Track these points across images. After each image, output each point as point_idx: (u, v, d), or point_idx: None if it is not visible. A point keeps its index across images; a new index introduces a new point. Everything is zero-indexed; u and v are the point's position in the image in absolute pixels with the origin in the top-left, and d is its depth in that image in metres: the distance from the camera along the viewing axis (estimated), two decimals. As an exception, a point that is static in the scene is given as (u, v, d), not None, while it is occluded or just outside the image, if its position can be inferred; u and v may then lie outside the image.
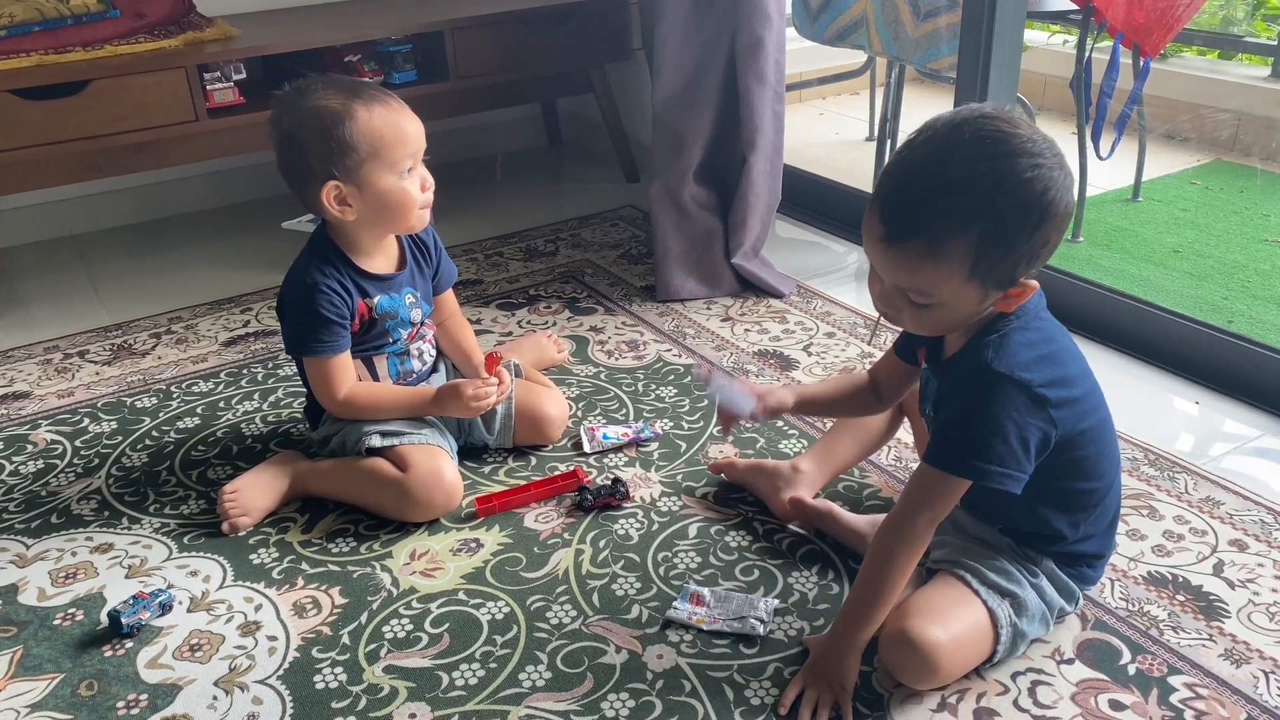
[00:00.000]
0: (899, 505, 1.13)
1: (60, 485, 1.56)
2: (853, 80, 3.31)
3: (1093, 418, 1.14)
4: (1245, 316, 2.12)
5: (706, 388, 1.35)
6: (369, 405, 1.47)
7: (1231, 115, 3.02)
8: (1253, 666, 1.17)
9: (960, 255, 1.01)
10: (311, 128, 1.36)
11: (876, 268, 1.08)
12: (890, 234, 1.03)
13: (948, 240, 1.01)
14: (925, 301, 1.06)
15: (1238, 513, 1.42)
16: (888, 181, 1.05)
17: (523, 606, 1.29)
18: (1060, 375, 1.10)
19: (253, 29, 2.33)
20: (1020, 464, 1.08)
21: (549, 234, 2.45)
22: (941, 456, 1.10)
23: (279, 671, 1.21)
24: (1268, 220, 2.59)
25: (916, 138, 1.05)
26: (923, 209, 1.01)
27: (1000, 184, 1.00)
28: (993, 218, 1.00)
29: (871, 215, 1.05)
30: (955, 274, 1.03)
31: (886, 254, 1.04)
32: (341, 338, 1.44)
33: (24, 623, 1.29)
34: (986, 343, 1.09)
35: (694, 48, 2.03)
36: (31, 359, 1.95)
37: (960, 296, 1.05)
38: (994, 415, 1.06)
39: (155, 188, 2.61)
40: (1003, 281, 1.05)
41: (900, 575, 1.11)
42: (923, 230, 1.01)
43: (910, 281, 1.05)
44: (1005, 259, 1.03)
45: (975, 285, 1.04)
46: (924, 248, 1.02)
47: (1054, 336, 1.13)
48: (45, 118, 2.02)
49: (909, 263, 1.03)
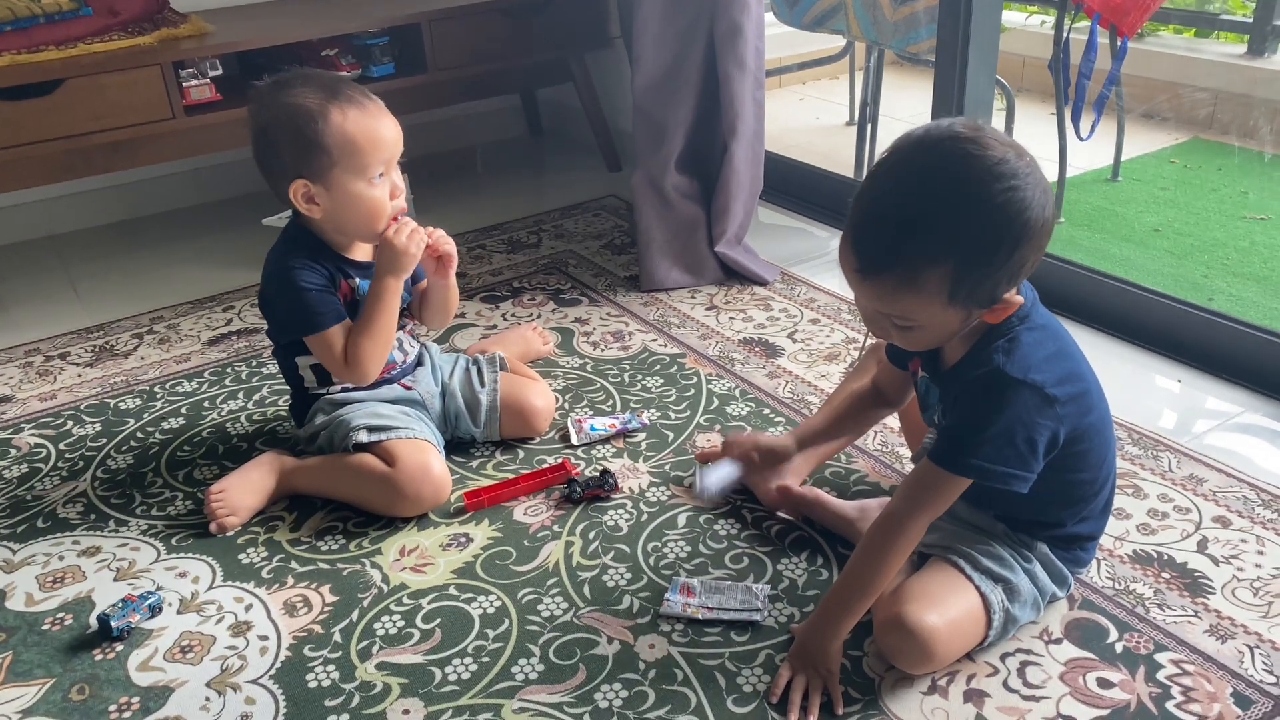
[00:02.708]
0: (897, 500, 1.13)
1: (45, 489, 1.55)
2: (832, 65, 3.31)
3: (1095, 411, 1.15)
4: (1225, 294, 2.14)
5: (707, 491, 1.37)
6: (366, 343, 1.43)
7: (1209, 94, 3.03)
8: (1238, 641, 1.19)
9: (937, 284, 1.01)
10: (285, 124, 1.36)
11: (856, 296, 1.08)
12: (864, 267, 1.03)
13: (922, 271, 1.00)
14: (908, 325, 1.06)
15: (1221, 489, 1.43)
16: (858, 212, 1.04)
17: (514, 600, 1.30)
18: (1067, 372, 1.11)
19: (228, 24, 2.31)
20: (1027, 464, 1.08)
21: (531, 225, 2.44)
22: (948, 457, 1.09)
23: (271, 671, 1.21)
24: (1246, 198, 2.61)
25: (886, 159, 1.03)
26: (894, 242, 1.00)
27: (973, 211, 0.99)
28: (967, 246, 0.99)
29: (845, 246, 1.05)
30: (934, 301, 1.02)
31: (863, 285, 1.05)
32: (334, 306, 1.43)
33: (12, 628, 1.29)
34: (996, 348, 1.08)
35: (673, 35, 2.03)
36: (12, 362, 1.93)
37: (942, 319, 1.05)
38: (1005, 418, 1.06)
39: (134, 187, 2.59)
40: (984, 301, 1.05)
41: (891, 569, 1.12)
42: (896, 264, 1.01)
43: (890, 309, 1.05)
44: (984, 283, 1.02)
45: (956, 308, 1.04)
46: (899, 280, 1.01)
47: (1057, 331, 1.13)
48: (19, 118, 2.00)
49: (886, 294, 1.03)
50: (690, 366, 1.80)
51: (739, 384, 1.74)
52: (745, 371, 1.78)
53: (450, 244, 1.50)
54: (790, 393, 1.71)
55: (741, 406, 1.68)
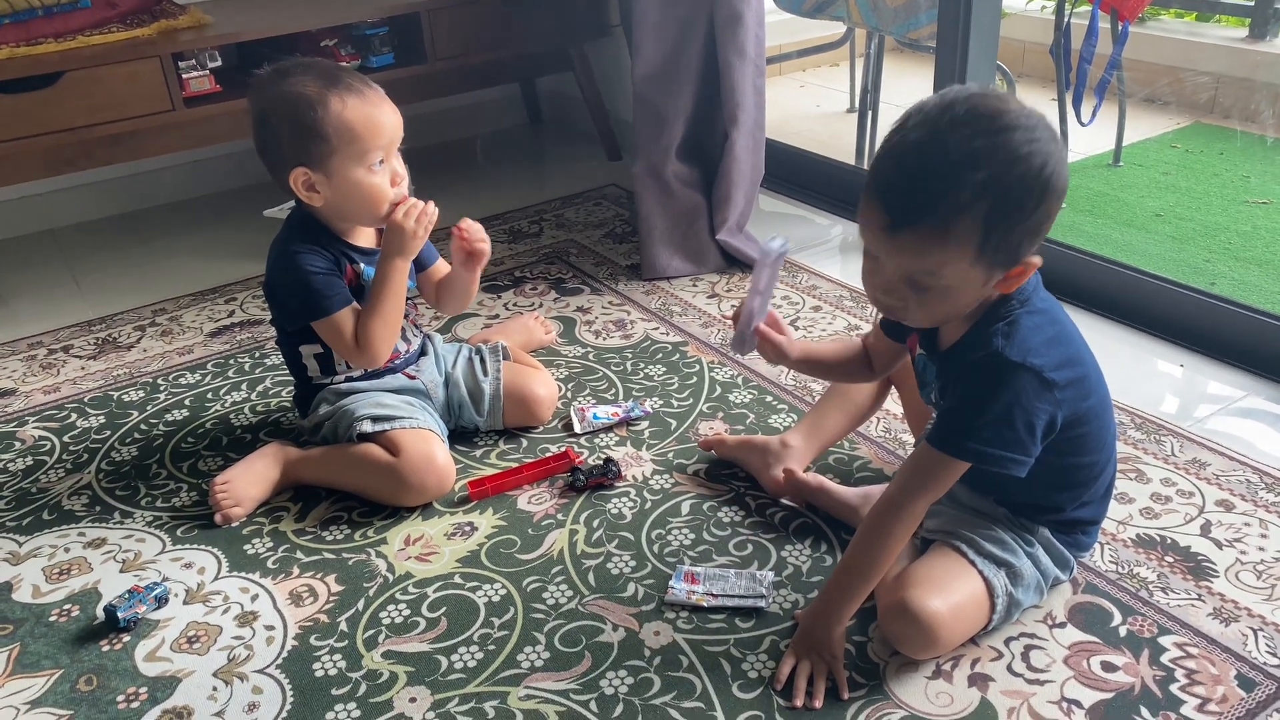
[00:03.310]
0: (896, 484, 1.13)
1: (50, 482, 1.56)
2: (832, 52, 3.30)
3: (1095, 395, 1.15)
4: (1227, 278, 2.13)
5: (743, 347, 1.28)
6: (375, 325, 1.43)
7: (1210, 78, 3.02)
8: (1241, 624, 1.19)
9: (968, 233, 0.99)
10: (284, 112, 1.36)
11: (881, 257, 1.05)
12: (896, 221, 1.01)
13: (955, 219, 0.99)
14: (932, 284, 1.03)
15: (1224, 473, 1.44)
16: (884, 169, 1.03)
17: (519, 588, 1.30)
18: (1066, 356, 1.10)
19: (226, 15, 2.30)
20: (1025, 448, 1.08)
21: (533, 215, 2.44)
22: (946, 440, 1.09)
23: (278, 660, 1.21)
24: (1248, 182, 2.60)
25: (906, 123, 1.02)
26: (928, 190, 0.99)
27: (1003, 157, 0.99)
28: (998, 192, 0.99)
29: (870, 205, 1.03)
30: (964, 254, 1.01)
31: (893, 241, 1.02)
32: (341, 289, 1.43)
33: (20, 620, 1.29)
34: (995, 330, 1.08)
35: (673, 23, 2.02)
36: (15, 355, 1.93)
37: (966, 279, 1.03)
38: (1003, 402, 1.06)
39: (134, 179, 2.59)
40: (1008, 260, 1.03)
41: (892, 553, 1.12)
42: (930, 212, 0.99)
43: (918, 265, 1.02)
44: (1011, 235, 1.01)
45: (982, 266, 1.02)
46: (932, 229, 1.00)
47: (1057, 315, 1.12)
48: (19, 111, 1.99)
49: (919, 246, 1.01)
50: (692, 354, 1.80)
51: (741, 372, 1.74)
52: (748, 359, 1.78)
53: (485, 242, 1.50)
54: (793, 380, 1.71)
55: (744, 394, 1.68)
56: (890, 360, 1.32)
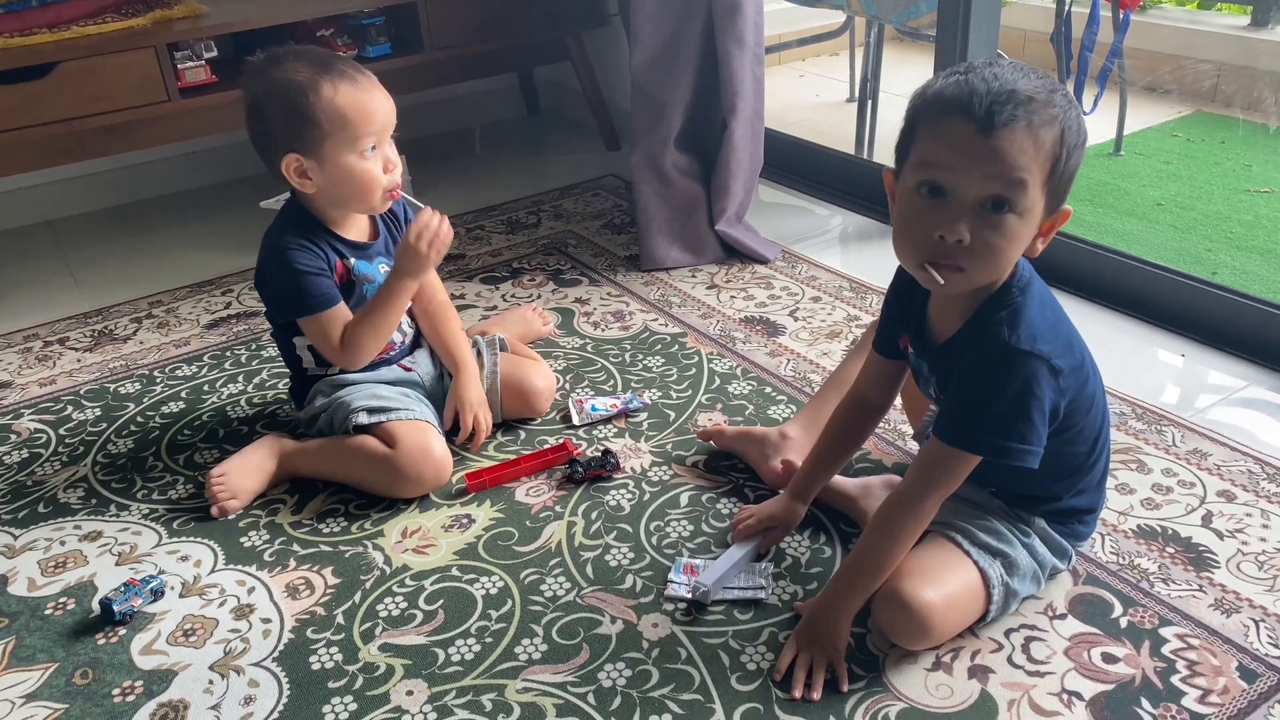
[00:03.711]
0: (908, 481, 1.12)
1: (46, 474, 1.55)
2: (832, 41, 3.29)
3: (1091, 383, 1.14)
4: (1229, 267, 2.12)
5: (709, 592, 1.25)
6: (366, 334, 1.44)
7: (1212, 66, 3.01)
8: (1242, 615, 1.18)
9: (1049, 148, 1.01)
10: (276, 98, 1.36)
11: (962, 176, 1.01)
12: (989, 123, 0.99)
13: (1046, 128, 1.00)
14: (1016, 202, 1.00)
15: (1225, 464, 1.43)
16: (964, 90, 1.01)
17: (516, 580, 1.29)
18: (1066, 342, 1.10)
19: (222, 5, 2.29)
20: (1040, 438, 1.07)
21: (530, 206, 2.43)
22: (960, 434, 1.08)
23: (274, 654, 1.20)
24: (1249, 171, 2.59)
25: (954, 69, 1.04)
26: (1019, 99, 0.99)
27: (1065, 95, 1.03)
28: (1068, 120, 1.02)
29: (955, 118, 1.00)
30: (1043, 170, 1.01)
31: (986, 144, 0.99)
32: (330, 289, 1.43)
33: (15, 613, 1.29)
34: (998, 320, 1.07)
35: (671, 12, 2.01)
36: (11, 348, 1.93)
37: (1036, 209, 1.03)
38: (1017, 392, 1.05)
39: (130, 170, 2.58)
40: (1058, 198, 1.05)
41: (903, 549, 1.11)
42: (1027, 113, 0.99)
43: (1011, 171, 0.99)
44: (1068, 168, 1.03)
45: (1045, 197, 1.03)
46: (1028, 130, 1.00)
47: (1053, 303, 1.12)
48: (13, 102, 1.98)
49: (1016, 146, 0.99)
50: (691, 346, 1.80)
51: (740, 363, 1.73)
52: (747, 350, 1.77)
53: (480, 434, 1.52)
54: (792, 371, 1.70)
55: (743, 385, 1.67)
56: (894, 382, 1.29)
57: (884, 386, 1.29)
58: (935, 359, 1.15)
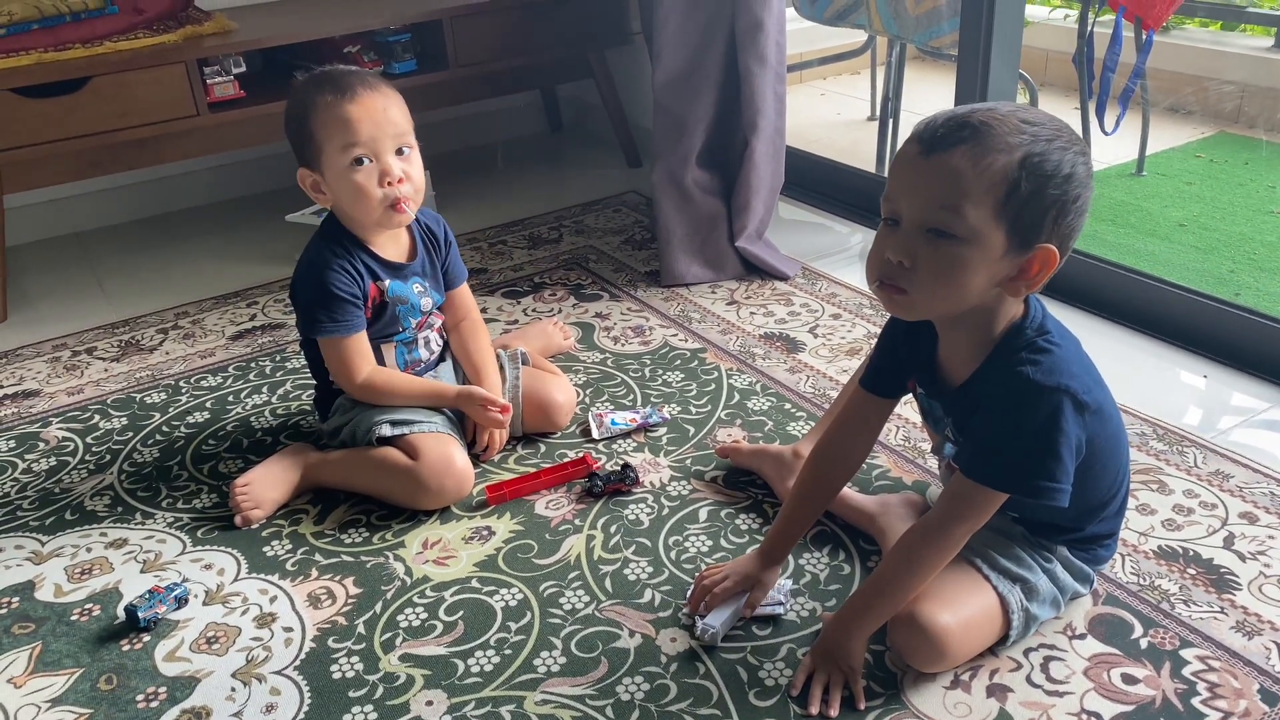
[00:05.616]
0: (937, 513, 1.11)
1: (73, 482, 1.57)
2: (853, 60, 3.30)
3: (1113, 421, 1.14)
4: (1252, 289, 2.12)
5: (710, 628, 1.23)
6: (386, 390, 1.48)
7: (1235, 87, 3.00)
8: (1264, 638, 1.18)
9: (999, 175, 0.98)
10: (290, 116, 1.43)
11: (906, 195, 1.01)
12: (931, 146, 0.99)
13: (988, 156, 0.98)
14: (955, 229, 0.99)
15: (1247, 485, 1.42)
16: (931, 120, 1.02)
17: (536, 593, 1.30)
18: (1093, 378, 1.09)
19: (251, 22, 2.32)
20: (1069, 476, 1.05)
21: (552, 221, 2.45)
22: (991, 473, 1.06)
23: (295, 662, 1.22)
24: (1273, 192, 2.58)
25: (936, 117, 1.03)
26: (971, 123, 0.99)
27: (1047, 134, 1.00)
28: (1033, 146, 0.98)
29: (908, 145, 1.02)
30: (990, 198, 0.98)
31: (923, 167, 1.00)
32: (356, 317, 1.45)
33: (42, 619, 1.30)
34: (1020, 359, 1.05)
35: (693, 30, 2.03)
36: (40, 357, 1.95)
37: (986, 240, 0.99)
38: (1047, 430, 1.03)
39: (158, 183, 2.61)
40: (1023, 233, 1.00)
41: (923, 579, 1.10)
42: (970, 139, 0.98)
43: (947, 195, 0.98)
44: (1038, 200, 0.99)
45: (1003, 230, 0.99)
46: (966, 156, 0.98)
47: (1074, 341, 1.10)
48: (46, 116, 2.02)
49: (953, 169, 0.98)
50: (711, 361, 1.80)
51: (760, 379, 1.74)
52: (766, 366, 1.78)
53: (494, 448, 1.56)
54: (811, 387, 1.71)
55: (762, 401, 1.68)
56: (881, 422, 1.25)
57: (871, 427, 1.25)
58: (952, 401, 1.14)
